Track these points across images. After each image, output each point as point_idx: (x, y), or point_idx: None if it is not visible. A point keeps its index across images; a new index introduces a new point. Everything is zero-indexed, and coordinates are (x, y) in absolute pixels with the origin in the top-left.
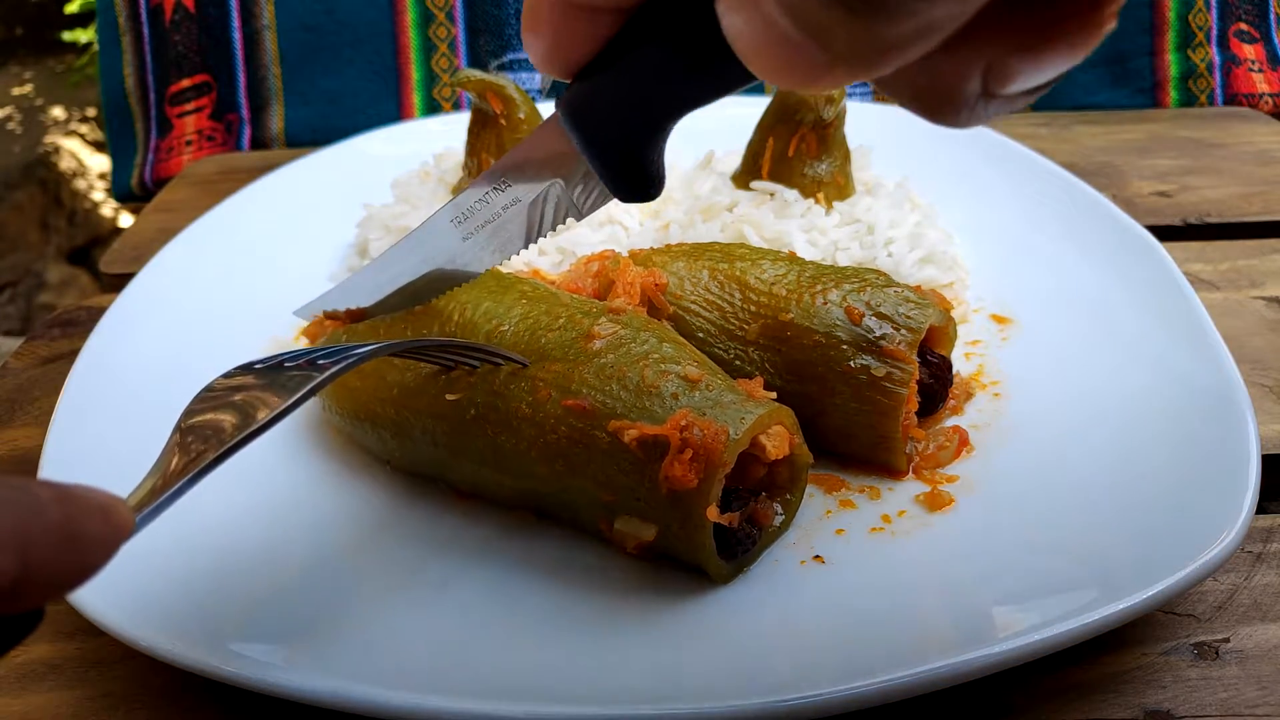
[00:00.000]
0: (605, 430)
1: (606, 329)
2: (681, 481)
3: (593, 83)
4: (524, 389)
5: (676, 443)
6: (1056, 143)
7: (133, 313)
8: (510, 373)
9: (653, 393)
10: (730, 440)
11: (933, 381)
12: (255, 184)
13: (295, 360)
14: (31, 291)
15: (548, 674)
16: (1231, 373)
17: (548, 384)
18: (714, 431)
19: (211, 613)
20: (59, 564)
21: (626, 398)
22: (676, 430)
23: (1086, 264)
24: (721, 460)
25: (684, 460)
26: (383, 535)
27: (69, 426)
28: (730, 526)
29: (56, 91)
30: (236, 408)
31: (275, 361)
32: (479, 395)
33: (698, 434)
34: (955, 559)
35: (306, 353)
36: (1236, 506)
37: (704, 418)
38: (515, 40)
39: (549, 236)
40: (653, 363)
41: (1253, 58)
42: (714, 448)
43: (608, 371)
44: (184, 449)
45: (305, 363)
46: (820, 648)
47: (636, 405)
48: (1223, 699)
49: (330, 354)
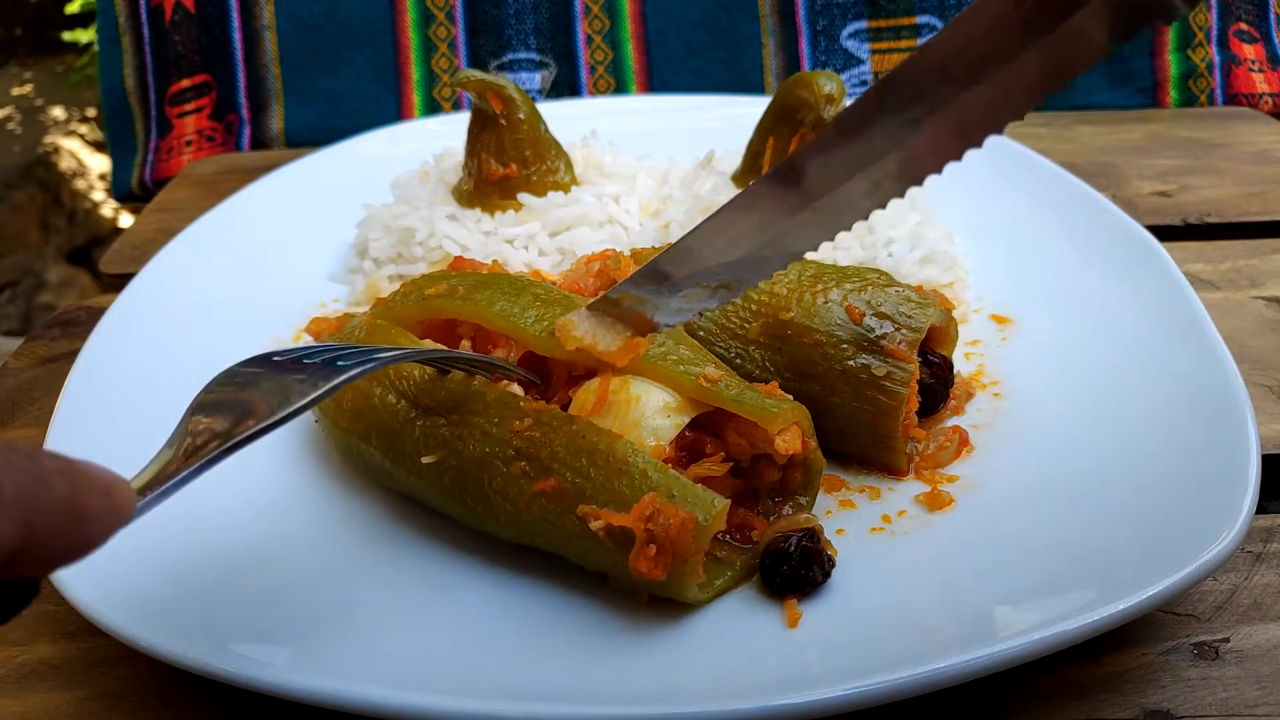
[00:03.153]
0: (575, 514)
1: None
2: (649, 575)
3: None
4: (497, 457)
5: (642, 536)
6: (1056, 143)
7: (133, 313)
8: (483, 434)
9: (622, 471)
10: (699, 527)
11: (933, 381)
12: (255, 184)
13: (315, 357)
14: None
15: (546, 675)
16: (1231, 373)
17: (521, 453)
18: (681, 521)
19: (211, 613)
20: (61, 537)
21: (596, 476)
22: (641, 521)
23: (1086, 264)
24: (690, 552)
25: (649, 555)
26: (382, 536)
27: (69, 426)
28: (784, 572)
29: (56, 91)
30: (249, 401)
31: (295, 356)
32: (453, 460)
33: (664, 523)
34: (955, 559)
35: (328, 349)
36: (1236, 506)
37: (672, 502)
38: (515, 40)
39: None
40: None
41: (1253, 58)
42: (681, 540)
43: (579, 443)
44: (193, 436)
45: (324, 362)
46: (820, 648)
47: (606, 486)
48: (1223, 699)
49: (351, 355)
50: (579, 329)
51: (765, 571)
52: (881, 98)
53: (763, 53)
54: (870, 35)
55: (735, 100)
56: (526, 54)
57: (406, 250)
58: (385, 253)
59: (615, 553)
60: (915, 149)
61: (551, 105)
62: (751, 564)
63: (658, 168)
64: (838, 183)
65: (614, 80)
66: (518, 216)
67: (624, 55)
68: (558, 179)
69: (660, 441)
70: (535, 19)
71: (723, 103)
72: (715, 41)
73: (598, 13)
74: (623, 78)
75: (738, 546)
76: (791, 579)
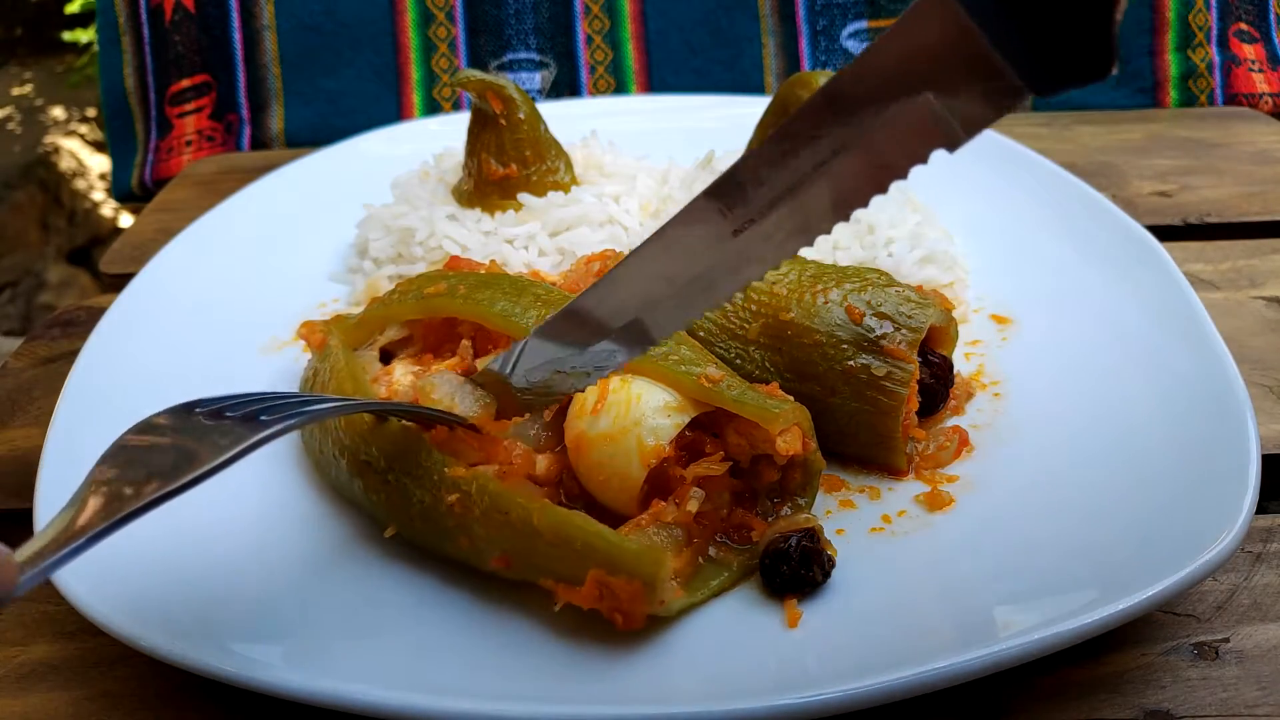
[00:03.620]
0: (538, 582)
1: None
2: (625, 628)
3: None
4: (444, 531)
5: (602, 608)
6: (1056, 143)
7: (133, 313)
8: (422, 505)
9: (559, 545)
10: (650, 586)
11: (933, 381)
12: (255, 184)
13: (239, 409)
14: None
15: (546, 675)
16: (1231, 373)
17: (461, 529)
18: (631, 593)
19: (211, 613)
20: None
21: (538, 552)
22: (595, 596)
23: (1086, 264)
24: (644, 618)
25: (619, 620)
26: (379, 538)
27: (69, 426)
28: (784, 572)
29: (56, 91)
30: (161, 459)
31: (217, 408)
32: (406, 529)
33: (614, 596)
34: (955, 559)
35: (256, 400)
36: (1236, 506)
37: (615, 575)
38: (515, 40)
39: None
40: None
41: (1253, 58)
42: (636, 607)
43: (501, 522)
44: (97, 497)
45: (245, 415)
46: (820, 648)
47: (551, 561)
48: (1223, 699)
49: (279, 407)
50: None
51: (765, 571)
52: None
53: (763, 53)
54: (870, 35)
55: (735, 100)
56: (526, 54)
57: (406, 250)
58: (385, 253)
59: (584, 612)
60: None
61: (551, 105)
62: (750, 564)
63: (658, 168)
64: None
65: (614, 80)
66: (518, 216)
67: (624, 55)
68: (558, 179)
69: (660, 441)
70: (535, 19)
71: (723, 103)
72: (715, 41)
73: (598, 13)
74: (623, 78)
75: (734, 547)
76: (791, 579)
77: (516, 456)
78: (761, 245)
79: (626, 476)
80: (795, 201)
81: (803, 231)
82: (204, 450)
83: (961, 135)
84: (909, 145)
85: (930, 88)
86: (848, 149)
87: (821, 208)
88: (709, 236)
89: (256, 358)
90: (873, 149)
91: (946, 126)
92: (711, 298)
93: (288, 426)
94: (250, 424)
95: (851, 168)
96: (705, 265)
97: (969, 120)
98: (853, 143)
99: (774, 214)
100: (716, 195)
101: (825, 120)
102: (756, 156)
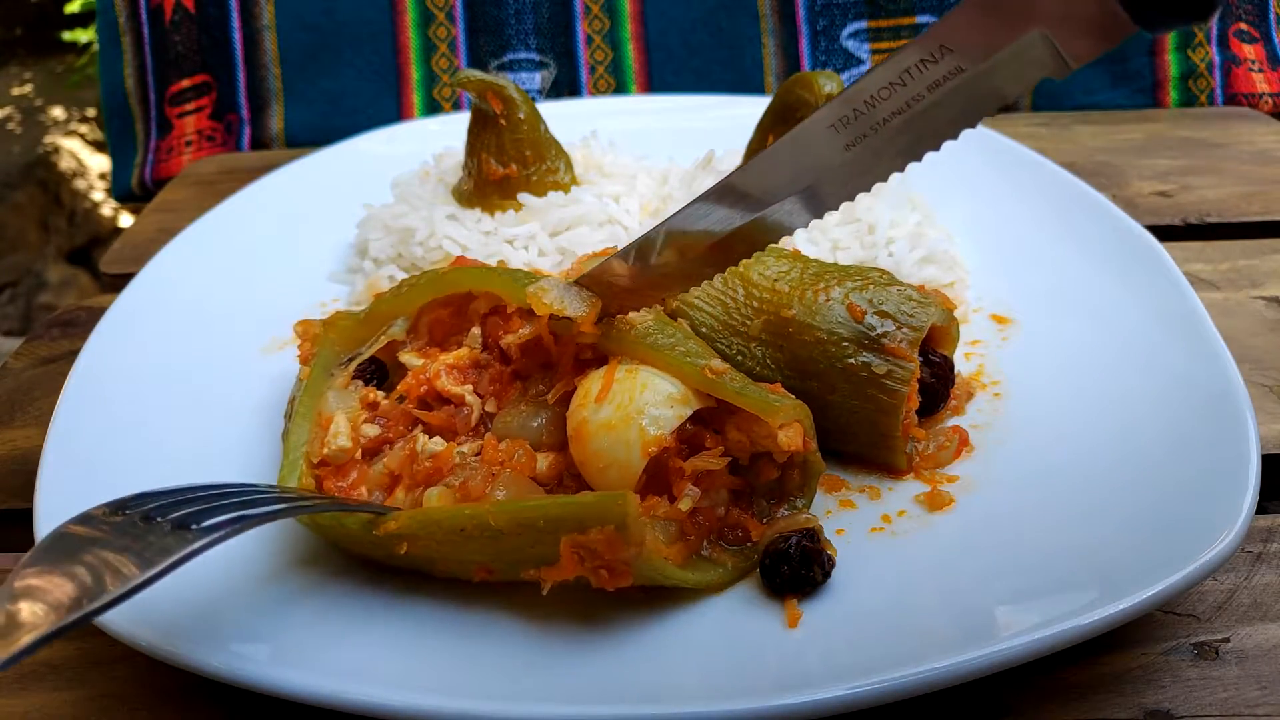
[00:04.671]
0: (524, 576)
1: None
2: (620, 585)
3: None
4: (428, 561)
5: (585, 571)
6: (1056, 143)
7: (133, 313)
8: (396, 557)
9: (523, 531)
10: (622, 531)
11: (934, 381)
12: (255, 184)
13: (171, 511)
14: (31, 291)
15: (545, 674)
16: (1231, 373)
17: (439, 559)
18: (604, 540)
19: (211, 613)
20: None
21: (513, 544)
22: (575, 564)
23: (1086, 264)
24: (629, 570)
25: (605, 578)
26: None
27: (69, 426)
28: (784, 572)
29: (56, 91)
30: (73, 578)
31: (146, 511)
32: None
33: (593, 554)
34: (955, 559)
35: (196, 497)
36: (1236, 506)
37: (584, 530)
38: (515, 40)
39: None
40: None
41: (1253, 58)
42: (616, 553)
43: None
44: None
45: (178, 521)
46: (820, 648)
47: (524, 551)
48: (1223, 699)
49: (218, 509)
50: (548, 296)
51: (765, 571)
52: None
53: (763, 53)
54: (870, 35)
55: (735, 100)
56: (526, 54)
57: (406, 250)
58: (385, 253)
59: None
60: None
61: (551, 105)
62: (745, 565)
63: (658, 168)
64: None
65: (614, 80)
66: (518, 216)
67: (624, 55)
68: (558, 179)
69: (661, 431)
70: (535, 19)
71: (723, 103)
72: (715, 41)
73: (598, 13)
74: (623, 78)
75: (729, 548)
76: (791, 579)
77: (518, 458)
78: (871, 161)
79: (626, 465)
80: (905, 121)
81: (909, 151)
82: (126, 566)
83: (1070, 65)
84: (1017, 74)
85: (1041, 23)
86: (958, 76)
87: (929, 130)
88: (823, 148)
89: (256, 358)
90: (982, 76)
91: (1055, 58)
92: (820, 207)
93: (217, 538)
94: (180, 534)
95: (960, 94)
96: (818, 174)
97: (1076, 53)
98: (963, 70)
99: (884, 132)
100: (834, 111)
101: (936, 50)
102: (870, 80)
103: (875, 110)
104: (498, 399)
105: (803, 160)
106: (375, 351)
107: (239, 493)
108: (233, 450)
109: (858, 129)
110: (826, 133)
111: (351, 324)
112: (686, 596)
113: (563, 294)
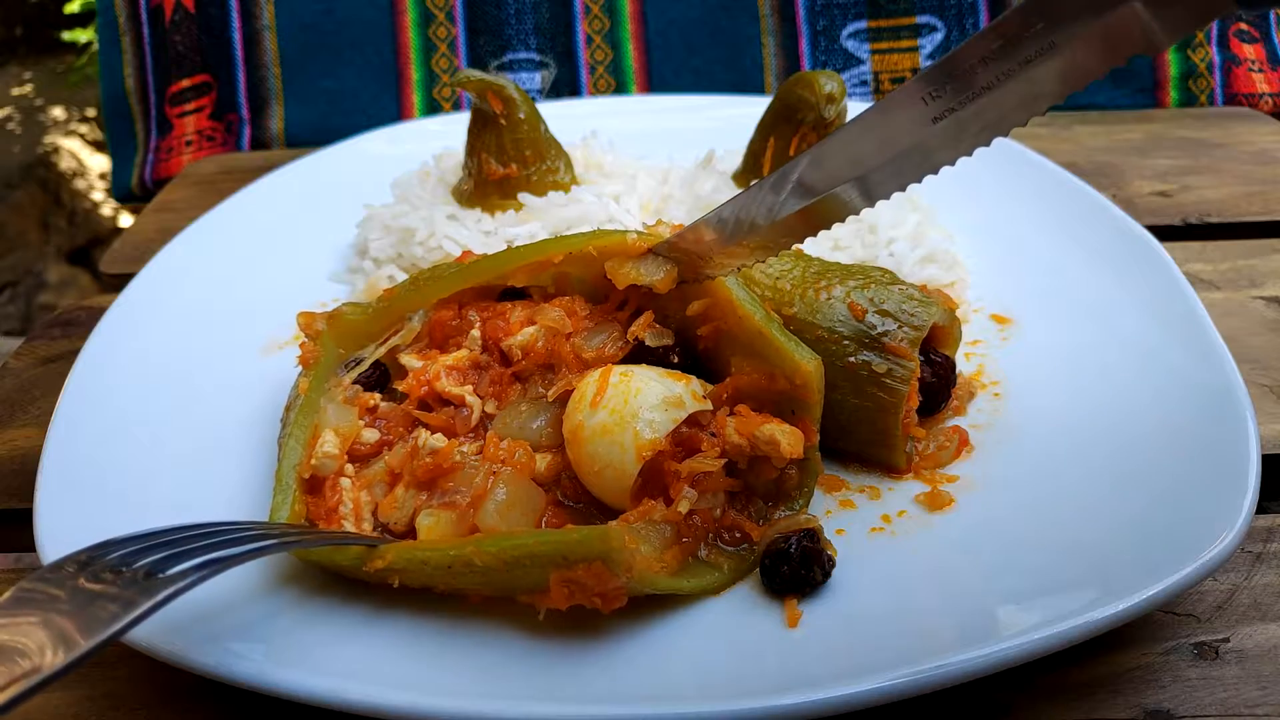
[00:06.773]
0: (520, 602)
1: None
2: (608, 609)
3: None
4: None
5: (579, 601)
6: (1056, 143)
7: (133, 313)
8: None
9: (513, 567)
10: (610, 565)
11: (935, 381)
12: (255, 184)
13: (140, 557)
14: (31, 291)
15: (545, 675)
16: (1231, 373)
17: (435, 582)
18: (594, 576)
19: (212, 613)
20: None
21: (501, 577)
22: (566, 595)
23: (1086, 264)
24: (622, 594)
25: (599, 605)
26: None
27: (69, 426)
28: (784, 572)
29: (56, 91)
30: (38, 635)
31: (112, 561)
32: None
33: (582, 587)
34: (955, 559)
35: (165, 542)
36: (1236, 506)
37: (571, 567)
38: (515, 40)
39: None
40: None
41: (1253, 58)
42: (607, 588)
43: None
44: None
45: (150, 568)
46: (820, 648)
47: (516, 583)
48: (1223, 699)
49: (185, 553)
50: (624, 268)
51: (765, 571)
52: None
53: (763, 53)
54: (870, 35)
55: (735, 100)
56: (526, 54)
57: (406, 250)
58: (385, 253)
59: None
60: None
61: (551, 105)
62: (743, 566)
63: (658, 168)
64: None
65: (614, 80)
66: (518, 216)
67: (624, 55)
68: (558, 179)
69: (656, 434)
70: (535, 19)
71: (723, 103)
72: (715, 41)
73: (598, 13)
74: (623, 78)
75: (726, 549)
76: (791, 579)
77: (518, 457)
78: (957, 133)
79: (621, 469)
80: (995, 96)
81: (995, 127)
82: (96, 621)
83: (1164, 42)
84: (1111, 49)
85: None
86: (1053, 50)
87: (1018, 102)
88: (911, 120)
89: (256, 358)
90: (1076, 51)
91: (1150, 33)
92: (906, 178)
93: (185, 585)
94: (147, 584)
95: (1054, 68)
96: (905, 145)
97: (1172, 29)
98: (1058, 45)
99: (973, 105)
100: (924, 81)
101: (1034, 23)
102: (965, 52)
103: (970, 82)
104: (498, 400)
105: (889, 131)
106: (380, 356)
107: (215, 532)
108: (232, 451)
109: (947, 102)
110: (916, 104)
111: (359, 318)
112: (686, 597)
113: (638, 264)
